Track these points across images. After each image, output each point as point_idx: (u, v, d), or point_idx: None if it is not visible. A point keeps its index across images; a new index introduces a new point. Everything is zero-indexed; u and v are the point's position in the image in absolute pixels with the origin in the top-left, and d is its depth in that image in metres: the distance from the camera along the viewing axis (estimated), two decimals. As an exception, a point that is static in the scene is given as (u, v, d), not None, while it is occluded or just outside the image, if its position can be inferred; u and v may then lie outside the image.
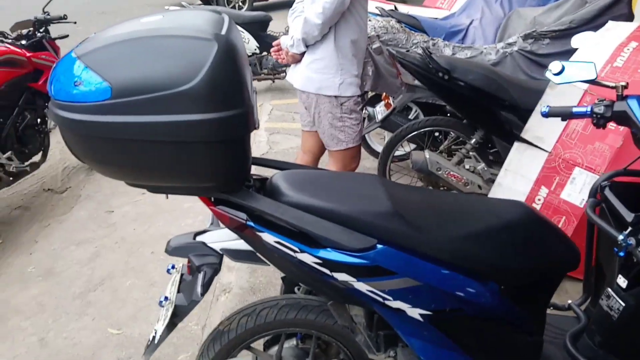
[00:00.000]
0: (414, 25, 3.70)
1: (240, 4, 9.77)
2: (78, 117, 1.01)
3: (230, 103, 1.03)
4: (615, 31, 2.56)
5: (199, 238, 1.35)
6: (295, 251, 1.20)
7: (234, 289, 2.47)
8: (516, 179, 2.55)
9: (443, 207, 1.34)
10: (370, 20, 3.18)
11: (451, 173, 2.52)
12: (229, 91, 1.03)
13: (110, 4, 10.46)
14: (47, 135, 3.50)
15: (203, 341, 1.50)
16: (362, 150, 3.25)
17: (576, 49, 2.69)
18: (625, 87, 1.48)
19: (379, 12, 3.74)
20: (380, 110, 2.86)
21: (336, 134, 2.35)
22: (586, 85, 2.45)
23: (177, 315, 1.35)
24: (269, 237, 1.20)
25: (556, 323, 1.73)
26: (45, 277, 2.68)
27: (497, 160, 2.74)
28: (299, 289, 1.61)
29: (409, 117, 3.24)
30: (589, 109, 1.52)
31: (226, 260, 1.37)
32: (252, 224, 1.20)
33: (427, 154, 2.49)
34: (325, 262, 1.20)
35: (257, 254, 1.31)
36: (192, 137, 1.03)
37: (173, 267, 1.47)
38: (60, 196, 3.59)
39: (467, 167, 2.59)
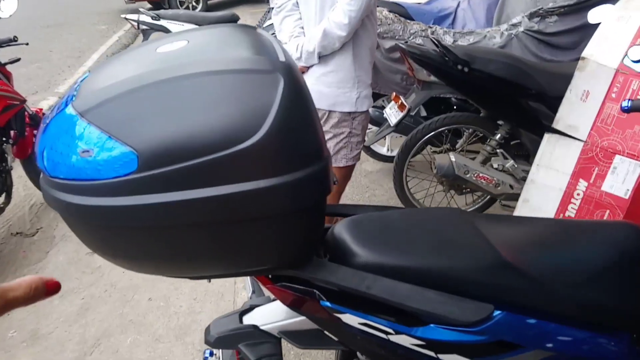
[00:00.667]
0: (401, 13, 3.42)
1: (194, 3, 9.30)
2: (90, 201, 0.70)
3: (307, 157, 0.73)
4: (637, 3, 2.35)
5: (247, 319, 1.05)
6: (387, 333, 0.92)
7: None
8: (550, 174, 2.31)
9: (548, 243, 1.07)
10: (361, 12, 2.89)
11: (480, 175, 2.27)
12: (304, 140, 0.73)
13: (54, 16, 9.78)
14: (8, 173, 3.08)
15: None
16: (363, 153, 2.98)
17: (593, 24, 2.49)
18: None
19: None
20: (392, 113, 2.59)
21: (338, 150, 2.07)
22: (616, 64, 2.23)
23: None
24: (351, 319, 0.91)
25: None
26: (31, 343, 2.31)
27: (521, 154, 2.51)
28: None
29: (411, 114, 2.97)
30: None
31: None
32: (328, 304, 0.91)
33: (452, 156, 2.23)
34: (430, 343, 0.92)
35: (327, 333, 1.01)
36: (257, 212, 0.72)
37: (211, 354, 1.16)
38: (32, 240, 3.18)
39: (495, 166, 2.34)
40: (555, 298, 0.96)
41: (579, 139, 2.26)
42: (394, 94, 2.69)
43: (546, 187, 2.31)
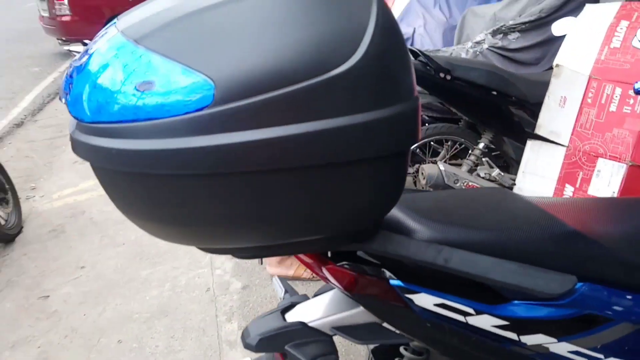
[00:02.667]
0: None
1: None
2: (148, 145, 0.56)
3: (402, 91, 0.63)
4: (599, 13, 2.45)
5: (290, 317, 0.91)
6: (466, 314, 0.80)
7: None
8: (536, 181, 2.32)
9: (612, 214, 1.01)
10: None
11: (470, 184, 2.23)
12: (399, 71, 0.63)
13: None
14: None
15: None
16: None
17: (553, 39, 2.58)
18: None
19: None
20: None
21: None
22: (588, 71, 2.30)
23: None
24: (424, 300, 0.80)
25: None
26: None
27: (502, 165, 2.51)
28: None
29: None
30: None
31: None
32: (400, 283, 0.79)
33: (441, 166, 2.19)
34: (513, 323, 0.81)
35: (388, 325, 0.89)
36: (348, 153, 0.61)
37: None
38: (-30, 288, 2.83)
39: (482, 175, 2.32)
40: (633, 269, 0.88)
41: (561, 144, 2.29)
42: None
43: (534, 193, 2.30)
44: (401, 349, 1.19)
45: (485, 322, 0.81)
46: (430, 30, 3.72)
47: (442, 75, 2.15)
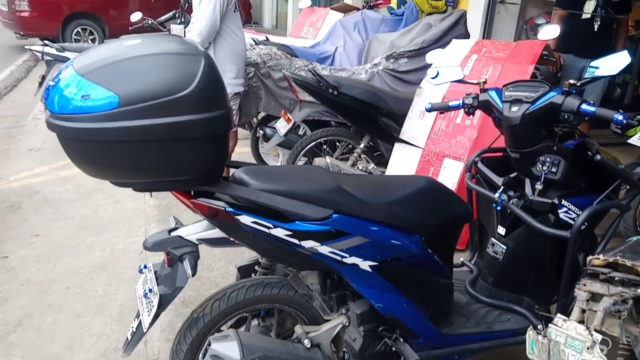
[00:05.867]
0: (288, 52, 4.10)
1: (90, 41, 9.49)
2: (86, 125, 1.17)
3: (217, 105, 1.27)
4: (459, 47, 3.19)
5: (173, 234, 1.53)
6: (269, 227, 1.45)
7: (165, 305, 2.56)
8: (400, 173, 3.01)
9: (373, 183, 1.69)
10: (254, 49, 3.52)
11: (349, 173, 2.91)
12: (216, 95, 1.27)
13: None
14: None
15: (175, 337, 1.66)
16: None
17: (430, 63, 3.30)
18: (485, 82, 1.98)
19: (254, 42, 4.10)
20: (281, 126, 3.19)
21: None
22: (444, 93, 3.03)
23: (162, 305, 1.50)
24: (246, 219, 1.43)
25: (456, 276, 2.15)
26: (-52, 331, 2.51)
27: (382, 161, 3.21)
28: (255, 274, 1.84)
29: (299, 133, 3.60)
30: (460, 101, 1.99)
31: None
32: (231, 209, 1.43)
33: (328, 159, 2.86)
34: (295, 233, 1.46)
35: (231, 238, 1.52)
36: (187, 134, 1.24)
37: (145, 267, 1.61)
38: (-63, 251, 3.30)
39: (360, 167, 3.00)
40: (373, 209, 1.55)
41: (418, 147, 3.00)
42: (283, 111, 3.31)
43: (397, 183, 3.01)
44: (256, 267, 1.85)
45: (280, 232, 1.45)
46: (348, 50, 4.42)
47: (330, 90, 2.82)
